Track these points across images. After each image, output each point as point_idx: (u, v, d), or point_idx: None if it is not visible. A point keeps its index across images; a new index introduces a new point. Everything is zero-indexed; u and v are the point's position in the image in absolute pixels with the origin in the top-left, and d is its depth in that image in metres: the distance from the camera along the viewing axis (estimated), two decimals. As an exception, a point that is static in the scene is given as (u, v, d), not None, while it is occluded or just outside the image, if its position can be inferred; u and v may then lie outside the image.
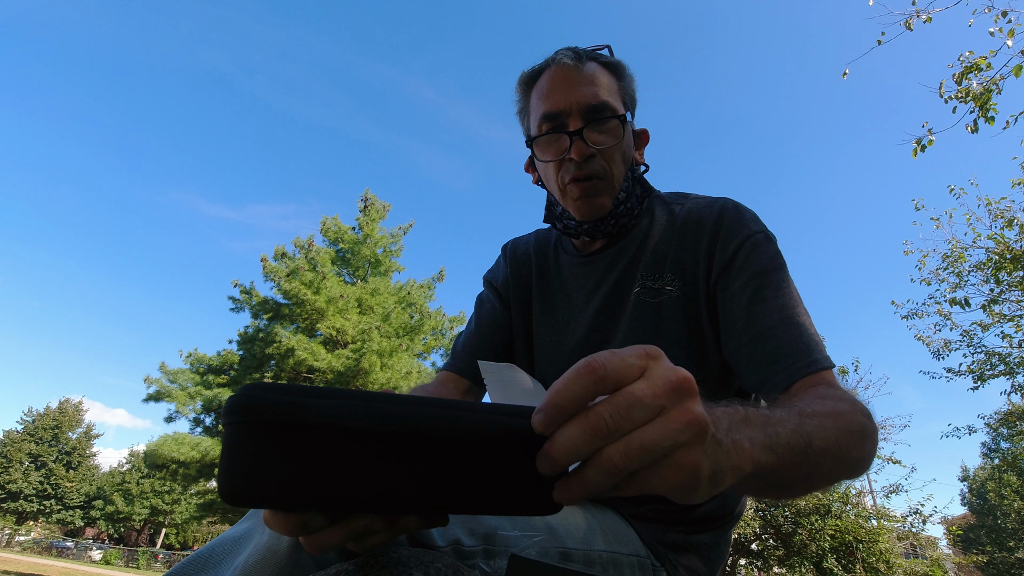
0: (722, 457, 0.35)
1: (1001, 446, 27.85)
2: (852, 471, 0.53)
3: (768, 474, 0.41)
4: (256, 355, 10.22)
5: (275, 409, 0.31)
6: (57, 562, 25.06)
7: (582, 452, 0.32)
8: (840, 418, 0.51)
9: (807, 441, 0.44)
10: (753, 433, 0.40)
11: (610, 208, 0.85)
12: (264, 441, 0.31)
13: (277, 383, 0.32)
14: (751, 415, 0.42)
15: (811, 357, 0.66)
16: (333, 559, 0.47)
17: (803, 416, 0.47)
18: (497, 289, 1.01)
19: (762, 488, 0.44)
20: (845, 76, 5.27)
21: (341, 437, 0.32)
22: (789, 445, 0.42)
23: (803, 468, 0.45)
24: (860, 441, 0.52)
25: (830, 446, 0.47)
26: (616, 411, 0.32)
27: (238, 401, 0.31)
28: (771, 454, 0.40)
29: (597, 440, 0.31)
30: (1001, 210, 7.59)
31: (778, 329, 0.69)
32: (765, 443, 0.40)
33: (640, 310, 0.82)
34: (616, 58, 0.90)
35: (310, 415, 0.31)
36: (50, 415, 36.29)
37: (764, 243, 0.77)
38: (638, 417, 0.32)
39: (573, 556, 0.63)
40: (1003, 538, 25.67)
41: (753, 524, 8.11)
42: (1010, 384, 8.48)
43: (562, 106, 0.82)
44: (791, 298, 0.72)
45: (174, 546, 39.78)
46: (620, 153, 0.84)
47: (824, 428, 0.48)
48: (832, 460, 0.48)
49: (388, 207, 12.01)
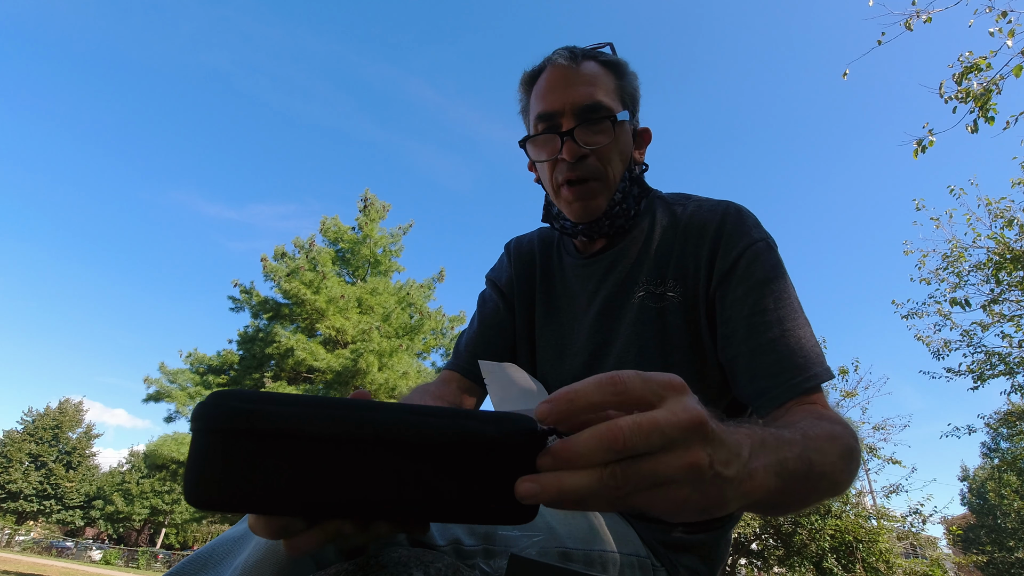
0: (729, 490, 0.36)
1: (1001, 446, 27.85)
2: (839, 492, 0.54)
3: (771, 498, 0.41)
4: (256, 355, 10.22)
5: (236, 416, 0.32)
6: (57, 562, 25.04)
7: (591, 460, 0.32)
8: (836, 441, 0.53)
9: (808, 466, 0.46)
10: (767, 460, 0.41)
11: (605, 209, 0.84)
12: (226, 447, 0.32)
13: (245, 390, 0.33)
14: (767, 439, 0.42)
15: (810, 372, 0.67)
16: (333, 559, 0.47)
17: (807, 439, 0.48)
18: (500, 288, 1.01)
19: (761, 509, 0.45)
20: (845, 76, 5.27)
21: (299, 443, 0.32)
22: (794, 471, 0.43)
23: (801, 492, 0.46)
24: (849, 464, 0.54)
25: (827, 471, 0.49)
26: (638, 431, 0.32)
27: (202, 408, 0.32)
28: (778, 480, 0.41)
29: (610, 454, 0.32)
30: (1001, 210, 7.60)
31: (778, 343, 0.69)
32: (775, 470, 0.41)
33: (643, 315, 0.82)
34: (617, 57, 0.89)
35: (268, 422, 0.32)
36: (50, 415, 36.30)
37: (766, 252, 0.76)
38: (655, 444, 0.32)
39: (573, 556, 0.63)
40: (1003, 538, 25.68)
41: (753, 524, 8.11)
42: (1010, 384, 8.50)
43: (555, 106, 0.82)
44: (792, 309, 0.72)
45: (174, 546, 39.77)
46: (616, 153, 0.83)
47: (824, 452, 0.49)
48: (827, 483, 0.50)
49: (388, 207, 12.02)
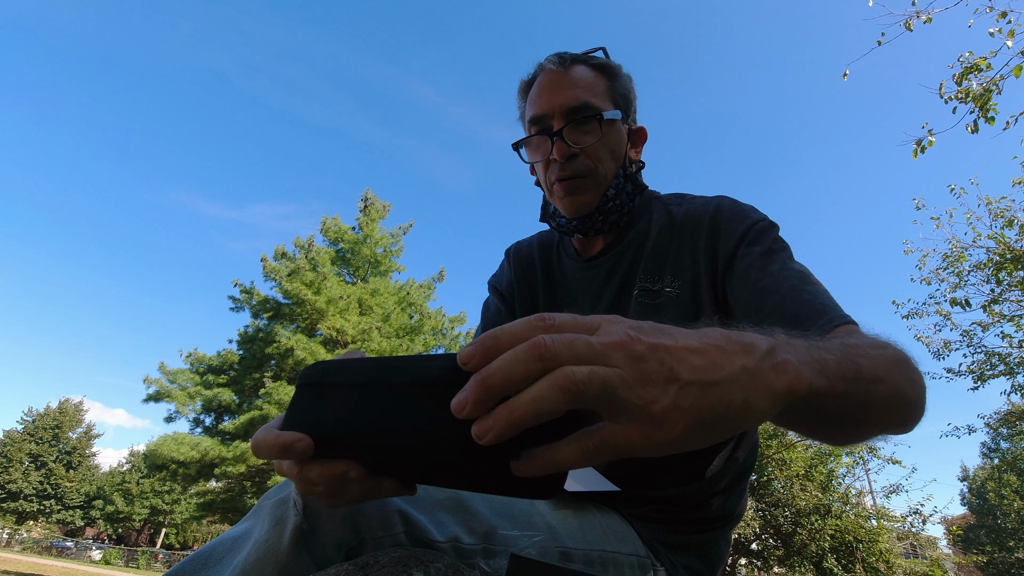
0: (753, 385, 0.32)
1: (1001, 446, 27.86)
2: (908, 410, 0.47)
3: (821, 402, 0.37)
4: (256, 355, 10.23)
5: (307, 374, 0.42)
6: (57, 562, 25.05)
7: (516, 374, 0.29)
8: (885, 348, 0.47)
9: (857, 369, 0.41)
10: (800, 356, 0.36)
11: (596, 205, 0.86)
12: (300, 398, 0.42)
13: (333, 360, 0.42)
14: (793, 340, 0.38)
15: (835, 313, 0.61)
16: (333, 559, 0.47)
17: (847, 347, 0.43)
18: (502, 294, 1.02)
19: (818, 420, 0.40)
20: (845, 77, 5.27)
21: (344, 391, 0.39)
22: (839, 370, 0.39)
23: (858, 397, 0.40)
24: (910, 376, 0.47)
25: (881, 374, 0.43)
26: (560, 339, 0.29)
27: (302, 371, 0.43)
28: (823, 377, 0.37)
29: (534, 360, 0.29)
30: (1001, 209, 7.59)
31: (800, 289, 0.66)
32: (814, 367, 0.37)
33: (640, 313, 0.82)
34: (608, 60, 0.91)
35: (325, 376, 0.41)
36: (50, 415, 36.32)
37: (769, 228, 0.77)
38: (582, 353, 0.29)
39: (573, 556, 0.63)
40: (1003, 538, 25.66)
41: (753, 524, 8.11)
42: (1010, 384, 8.48)
43: (545, 109, 0.85)
44: (802, 267, 0.71)
45: (174, 546, 39.80)
46: (607, 151, 0.86)
47: (872, 357, 0.44)
48: (887, 390, 0.43)
49: (388, 207, 12.02)
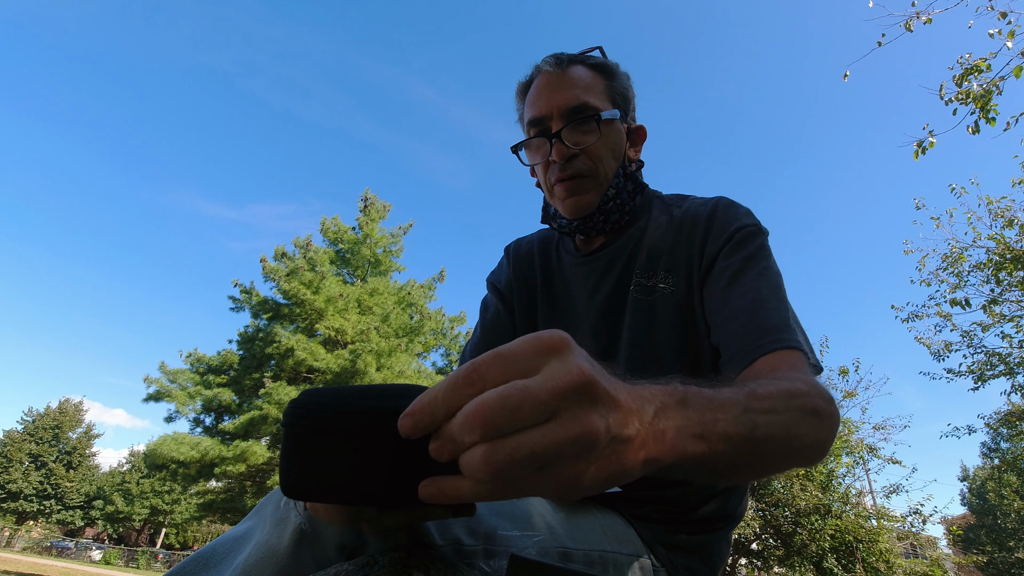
0: (628, 454, 0.33)
1: (1001, 446, 27.86)
2: (804, 457, 0.49)
3: (697, 463, 0.38)
4: (256, 355, 10.23)
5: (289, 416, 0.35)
6: (57, 562, 25.04)
7: (461, 446, 0.30)
8: (794, 399, 0.48)
9: (750, 428, 0.42)
10: (686, 420, 0.37)
11: (597, 204, 0.86)
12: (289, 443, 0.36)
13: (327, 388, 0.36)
14: (691, 397, 0.39)
15: (776, 336, 0.63)
16: (333, 559, 0.47)
17: (751, 398, 0.44)
18: (501, 292, 1.01)
19: (694, 474, 0.41)
20: (846, 78, 5.27)
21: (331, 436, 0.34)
22: (726, 433, 0.40)
23: (743, 456, 0.42)
24: (815, 425, 0.49)
25: (776, 432, 0.44)
26: (504, 405, 0.29)
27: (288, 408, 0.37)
28: (701, 443, 0.38)
29: (477, 433, 0.29)
30: (1001, 209, 7.58)
31: (748, 308, 0.68)
32: (695, 432, 0.37)
33: (636, 308, 0.83)
34: (606, 59, 0.91)
35: None
36: (50, 415, 36.29)
37: (754, 234, 0.78)
38: (530, 416, 0.29)
39: (573, 556, 0.63)
40: (1003, 538, 25.67)
41: (753, 524, 8.11)
42: (1010, 384, 8.49)
43: (544, 111, 0.85)
44: (769, 283, 0.71)
45: (174, 546, 39.78)
46: (607, 150, 0.86)
47: (774, 412, 0.45)
48: (779, 446, 0.45)
49: (388, 207, 12.02)
